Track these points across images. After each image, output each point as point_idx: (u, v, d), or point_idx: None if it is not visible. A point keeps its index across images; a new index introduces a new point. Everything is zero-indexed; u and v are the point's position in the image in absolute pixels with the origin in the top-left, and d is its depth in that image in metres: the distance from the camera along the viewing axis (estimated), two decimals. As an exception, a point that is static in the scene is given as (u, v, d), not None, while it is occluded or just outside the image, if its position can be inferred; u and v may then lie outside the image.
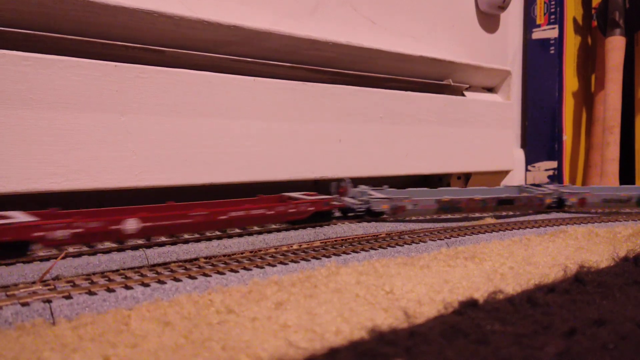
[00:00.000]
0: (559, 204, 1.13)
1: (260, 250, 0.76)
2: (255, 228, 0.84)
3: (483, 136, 1.38)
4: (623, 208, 1.14)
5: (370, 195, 0.96)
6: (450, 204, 0.98)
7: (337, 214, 0.96)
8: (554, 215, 1.14)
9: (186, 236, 0.76)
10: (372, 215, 0.95)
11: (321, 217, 0.88)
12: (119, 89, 0.81)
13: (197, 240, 0.76)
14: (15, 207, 0.66)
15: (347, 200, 0.95)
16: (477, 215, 1.05)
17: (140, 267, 0.66)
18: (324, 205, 0.87)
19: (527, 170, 1.74)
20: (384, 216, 0.96)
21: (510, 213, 1.11)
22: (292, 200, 0.86)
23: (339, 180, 1.00)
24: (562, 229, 0.97)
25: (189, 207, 0.77)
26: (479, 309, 0.48)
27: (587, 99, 1.78)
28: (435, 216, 1.03)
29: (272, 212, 0.81)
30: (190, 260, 0.70)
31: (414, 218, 1.01)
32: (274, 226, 0.86)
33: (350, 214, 0.95)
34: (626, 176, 1.65)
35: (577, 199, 1.11)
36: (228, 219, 0.76)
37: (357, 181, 1.08)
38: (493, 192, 1.14)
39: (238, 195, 0.90)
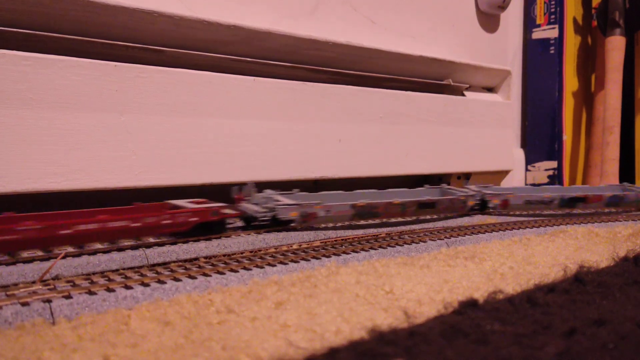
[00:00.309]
0: (482, 206, 1.08)
1: (260, 250, 0.76)
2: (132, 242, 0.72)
3: (483, 136, 1.38)
4: (546, 209, 1.11)
5: (277, 201, 0.85)
6: (366, 209, 0.90)
7: (240, 223, 0.86)
8: (492, 218, 1.09)
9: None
10: (279, 224, 0.84)
11: (211, 229, 0.78)
12: (119, 88, 0.81)
13: (197, 240, 0.76)
14: (16, 207, 0.66)
15: (249, 207, 0.84)
16: (397, 220, 0.98)
17: (140, 267, 0.66)
18: (212, 214, 0.77)
19: (527, 170, 1.74)
20: (293, 224, 0.86)
21: (429, 217, 1.03)
22: (173, 210, 0.76)
23: (241, 185, 0.89)
24: (562, 228, 0.97)
25: (16, 220, 0.64)
26: (478, 309, 0.48)
27: (587, 98, 1.78)
28: (351, 222, 0.93)
29: (138, 225, 0.70)
30: (190, 260, 0.70)
31: (330, 225, 0.91)
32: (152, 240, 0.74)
33: (254, 224, 0.84)
34: (626, 176, 1.65)
35: (500, 200, 1.06)
36: (73, 234, 0.65)
37: (357, 181, 1.08)
38: (414, 194, 1.06)
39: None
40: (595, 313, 0.47)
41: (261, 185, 0.96)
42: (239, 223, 0.87)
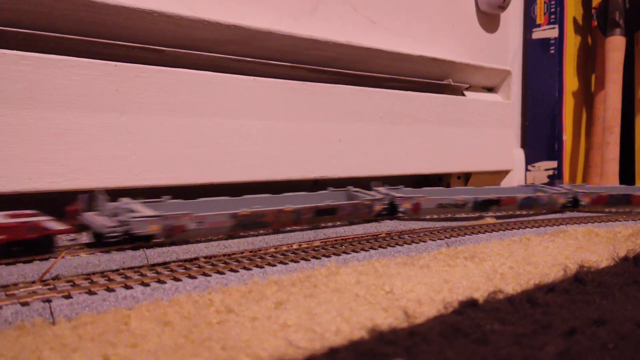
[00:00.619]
0: (391, 211, 0.98)
1: (260, 250, 0.76)
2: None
3: (483, 136, 1.38)
4: (459, 213, 1.05)
5: (134, 212, 0.71)
6: (251, 218, 0.78)
7: (88, 239, 0.73)
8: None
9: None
10: (134, 240, 0.70)
11: (34, 248, 0.63)
12: (119, 88, 0.81)
13: (197, 240, 0.76)
14: (16, 207, 0.66)
15: (95, 221, 0.70)
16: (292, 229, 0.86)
17: (140, 267, 0.66)
18: (28, 231, 0.62)
19: (527, 170, 1.74)
20: (156, 240, 0.72)
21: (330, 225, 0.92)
22: None
23: (90, 193, 0.74)
24: (562, 228, 0.97)
25: None
26: (478, 309, 0.48)
27: (587, 98, 1.78)
28: (232, 234, 0.80)
29: None
30: (190, 260, 0.70)
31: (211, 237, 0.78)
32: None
33: (105, 240, 0.69)
34: (626, 176, 1.65)
35: (411, 204, 0.98)
36: None
37: (357, 181, 1.08)
38: (312, 199, 0.92)
39: (238, 196, 0.90)
40: (595, 313, 0.47)
41: (261, 185, 0.95)
42: (87, 239, 0.74)
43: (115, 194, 0.81)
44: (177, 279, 0.59)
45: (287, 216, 0.83)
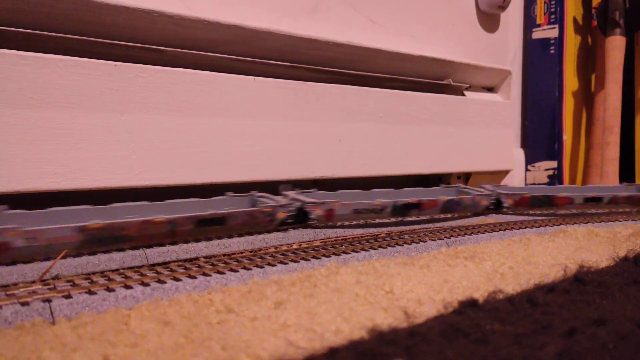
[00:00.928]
0: (300, 218, 0.86)
1: (260, 250, 0.76)
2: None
3: (483, 136, 1.38)
4: (377, 218, 0.96)
5: None
6: (106, 232, 0.65)
7: None
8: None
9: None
10: None
11: None
12: (119, 88, 0.81)
13: (197, 240, 0.76)
14: (16, 207, 0.66)
15: None
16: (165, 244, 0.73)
17: (140, 267, 0.66)
18: None
19: (527, 170, 1.74)
20: None
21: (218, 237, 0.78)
22: None
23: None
24: (562, 228, 0.97)
25: None
26: (478, 309, 0.48)
27: (587, 98, 1.78)
28: (82, 251, 0.66)
29: None
30: (190, 260, 0.70)
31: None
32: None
33: None
34: (626, 176, 1.65)
35: (323, 211, 0.87)
36: None
37: (357, 181, 1.08)
38: (195, 207, 0.78)
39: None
40: (595, 313, 0.47)
41: (261, 184, 0.96)
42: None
43: (115, 193, 0.81)
44: (177, 279, 0.59)
45: (157, 228, 0.70)
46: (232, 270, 0.64)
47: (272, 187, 0.95)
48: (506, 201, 1.10)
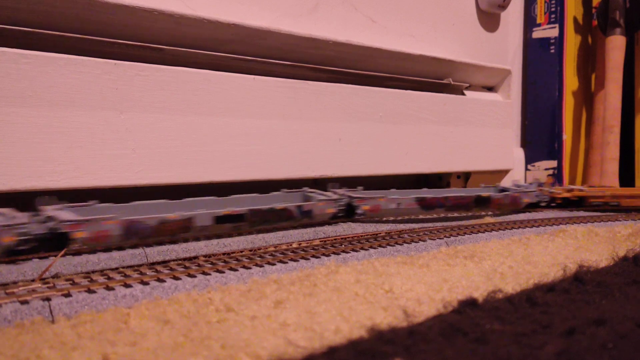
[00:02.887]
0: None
1: (259, 249, 0.76)
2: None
3: (483, 135, 1.38)
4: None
5: None
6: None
7: None
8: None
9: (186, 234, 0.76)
10: None
11: None
12: (119, 87, 0.81)
13: (197, 239, 0.76)
14: (16, 206, 0.66)
15: None
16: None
17: (140, 266, 0.66)
18: None
19: (526, 169, 1.74)
20: None
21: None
22: None
23: None
24: (561, 228, 0.97)
25: None
26: (478, 308, 0.48)
27: (587, 98, 1.78)
28: None
29: None
30: (190, 259, 0.70)
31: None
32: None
33: None
34: (626, 176, 1.65)
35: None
36: None
37: (357, 180, 1.08)
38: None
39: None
40: (594, 313, 0.47)
41: (261, 184, 0.96)
42: None
43: (114, 192, 0.81)
44: (176, 278, 0.59)
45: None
46: (231, 269, 0.64)
47: (272, 186, 0.95)
48: (360, 207, 0.92)
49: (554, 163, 1.70)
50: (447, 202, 1.03)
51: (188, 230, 0.73)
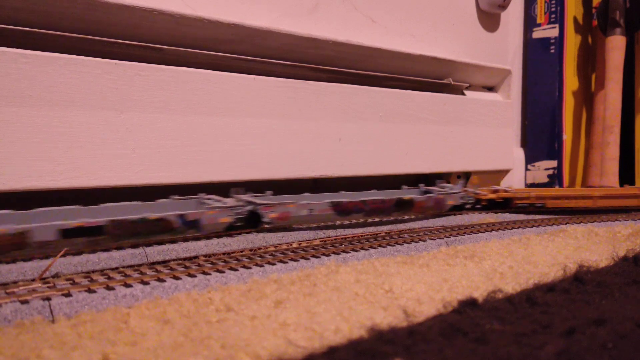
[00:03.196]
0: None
1: (259, 249, 0.76)
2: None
3: (483, 135, 1.38)
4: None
5: None
6: None
7: None
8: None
9: (185, 234, 0.76)
10: None
11: None
12: (119, 86, 0.81)
13: (197, 239, 0.76)
14: (16, 206, 0.66)
15: None
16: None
17: (140, 265, 0.66)
18: None
19: (526, 169, 1.74)
20: None
21: None
22: None
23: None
24: (561, 228, 0.97)
25: None
26: (478, 308, 0.48)
27: (587, 98, 1.78)
28: None
29: None
30: (190, 259, 0.70)
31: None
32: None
33: None
34: (626, 176, 1.65)
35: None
36: None
37: (357, 180, 1.08)
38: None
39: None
40: (594, 312, 0.47)
41: (261, 184, 0.96)
42: None
43: (114, 192, 0.81)
44: (176, 278, 0.59)
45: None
46: (231, 269, 0.64)
47: (273, 186, 0.95)
48: (267, 215, 0.83)
49: (554, 163, 1.70)
50: (365, 207, 0.94)
51: (22, 247, 0.61)
